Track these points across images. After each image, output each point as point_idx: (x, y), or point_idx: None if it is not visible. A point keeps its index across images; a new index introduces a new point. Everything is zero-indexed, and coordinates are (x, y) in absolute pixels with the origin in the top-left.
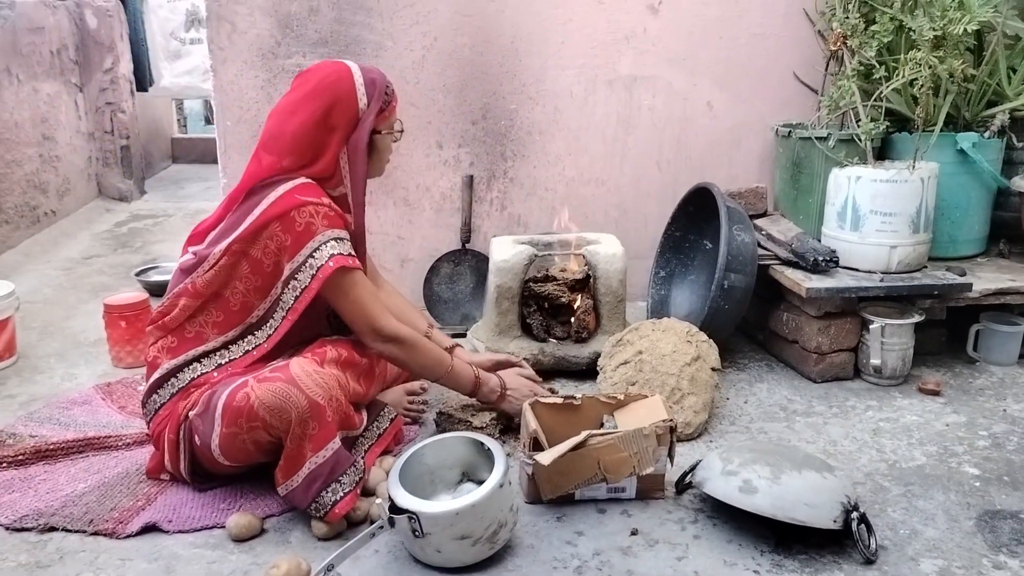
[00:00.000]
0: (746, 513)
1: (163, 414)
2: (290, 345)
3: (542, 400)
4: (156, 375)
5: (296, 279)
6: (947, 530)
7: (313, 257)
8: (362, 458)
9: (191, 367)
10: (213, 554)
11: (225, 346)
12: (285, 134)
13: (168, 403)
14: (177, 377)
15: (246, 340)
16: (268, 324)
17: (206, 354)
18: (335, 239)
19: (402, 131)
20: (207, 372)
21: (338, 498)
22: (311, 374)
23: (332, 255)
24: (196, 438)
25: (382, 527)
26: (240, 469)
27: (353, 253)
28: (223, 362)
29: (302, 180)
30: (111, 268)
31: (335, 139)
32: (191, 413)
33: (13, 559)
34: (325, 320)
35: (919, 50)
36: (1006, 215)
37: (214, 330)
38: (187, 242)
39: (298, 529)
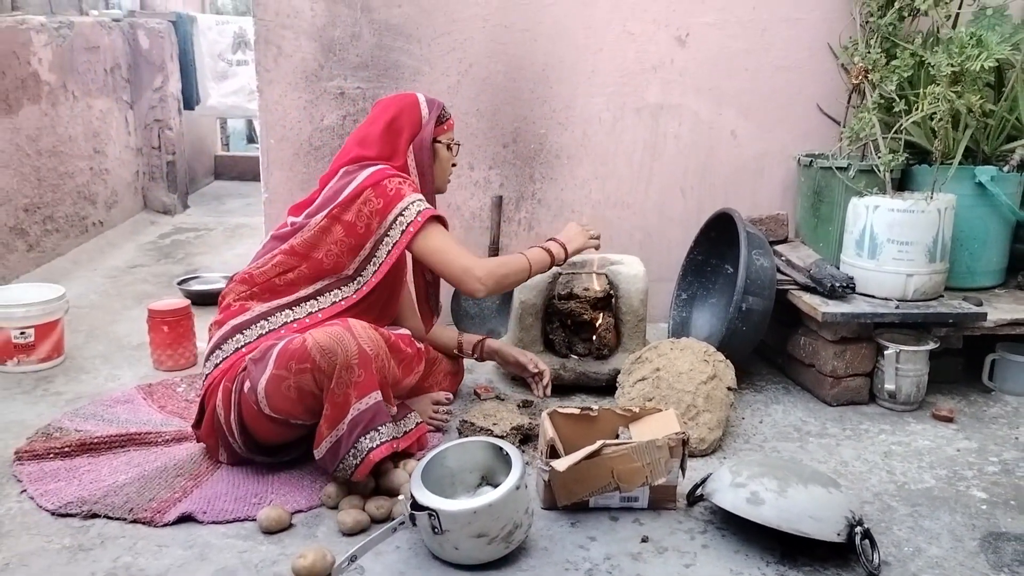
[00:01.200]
0: (754, 525)
1: (225, 366)
2: (371, 309)
3: (560, 411)
4: (245, 316)
5: (388, 235)
6: (951, 549)
7: (403, 215)
8: (400, 431)
9: (283, 312)
10: (244, 544)
11: (315, 296)
12: (369, 135)
13: (232, 356)
14: (269, 320)
15: (333, 293)
16: (358, 279)
17: (298, 302)
18: (421, 199)
19: (459, 145)
20: (300, 318)
21: (375, 445)
22: (366, 328)
23: (420, 210)
24: (246, 383)
25: (403, 523)
26: (277, 433)
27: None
28: (313, 310)
29: (387, 165)
30: (154, 277)
31: (404, 138)
32: (248, 358)
33: (58, 542)
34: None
35: (938, 85)
36: None
37: (304, 282)
38: (288, 212)
39: (324, 524)
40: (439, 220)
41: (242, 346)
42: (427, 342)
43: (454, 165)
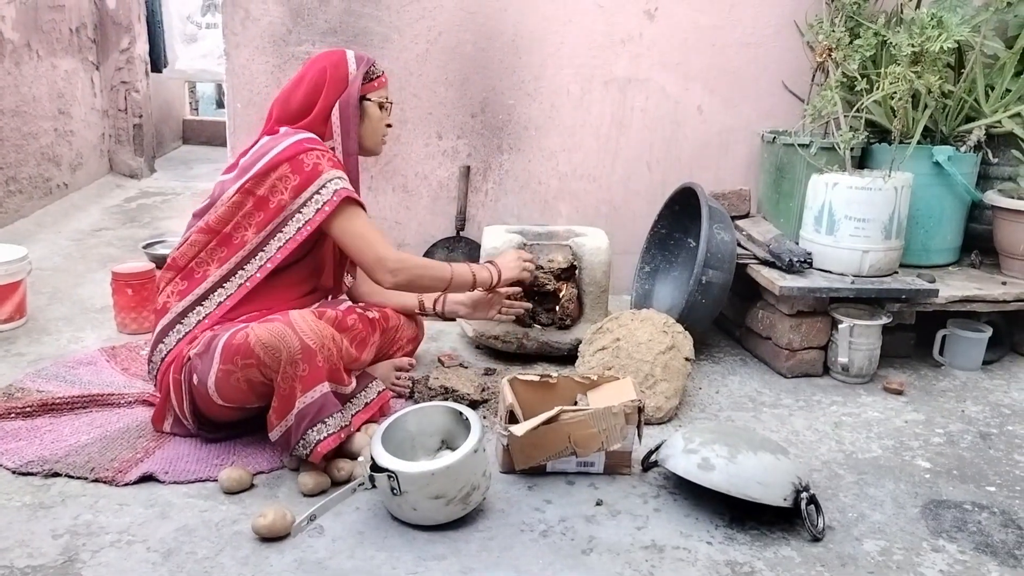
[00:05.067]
0: (705, 490)
1: (169, 359)
2: (280, 292)
3: (520, 378)
4: (165, 320)
5: (301, 212)
6: (893, 515)
7: (319, 193)
8: (350, 417)
9: (195, 310)
10: (205, 503)
11: (221, 283)
12: (293, 93)
13: (174, 348)
14: (182, 323)
15: (238, 274)
16: (260, 255)
17: (207, 293)
18: (339, 178)
19: (392, 104)
20: (210, 312)
21: (322, 437)
22: (308, 321)
23: (337, 189)
24: (195, 377)
25: (363, 484)
26: (234, 414)
27: (356, 191)
28: (221, 299)
29: (307, 134)
30: (119, 241)
31: (328, 96)
32: (192, 352)
33: (18, 500)
34: (317, 280)
35: (899, 64)
36: (980, 227)
37: (215, 265)
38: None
39: (285, 486)
40: (357, 202)
41: (172, 347)
42: (388, 304)
43: (389, 126)
